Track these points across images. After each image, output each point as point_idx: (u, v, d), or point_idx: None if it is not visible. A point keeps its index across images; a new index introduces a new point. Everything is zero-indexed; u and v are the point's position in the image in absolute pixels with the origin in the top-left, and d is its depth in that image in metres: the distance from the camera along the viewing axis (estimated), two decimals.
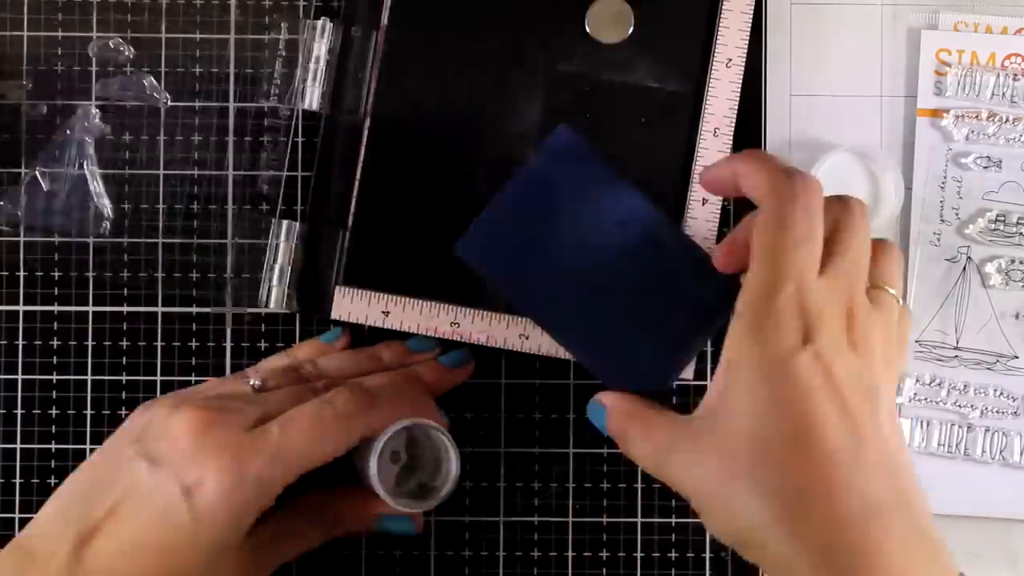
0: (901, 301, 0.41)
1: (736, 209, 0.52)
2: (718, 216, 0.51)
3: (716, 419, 0.39)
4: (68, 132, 0.52)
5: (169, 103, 0.52)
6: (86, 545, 0.41)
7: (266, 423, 0.43)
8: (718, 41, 0.51)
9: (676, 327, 0.48)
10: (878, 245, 0.42)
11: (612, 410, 0.43)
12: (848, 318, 0.39)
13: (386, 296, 0.51)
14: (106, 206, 0.52)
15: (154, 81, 0.52)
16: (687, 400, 0.52)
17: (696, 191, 0.51)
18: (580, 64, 0.52)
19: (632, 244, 0.48)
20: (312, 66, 0.51)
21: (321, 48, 0.51)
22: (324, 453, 0.43)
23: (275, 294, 0.51)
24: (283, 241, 0.51)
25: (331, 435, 0.43)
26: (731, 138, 0.51)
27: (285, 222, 0.51)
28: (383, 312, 0.51)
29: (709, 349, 0.52)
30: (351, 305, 0.51)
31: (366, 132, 0.51)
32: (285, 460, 0.42)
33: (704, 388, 0.52)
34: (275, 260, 0.51)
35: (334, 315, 0.51)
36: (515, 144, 0.51)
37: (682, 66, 0.51)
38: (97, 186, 0.52)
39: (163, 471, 0.42)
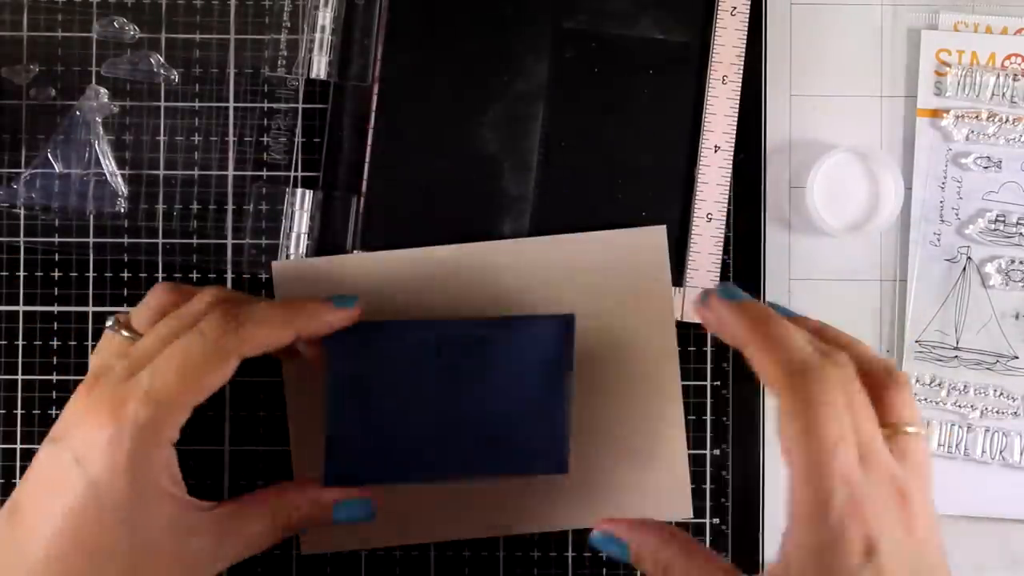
0: (922, 430, 0.41)
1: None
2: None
3: None
4: (77, 112, 0.52)
5: (177, 81, 0.52)
6: (14, 515, 0.42)
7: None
8: None
9: (543, 403, 0.48)
10: (884, 378, 0.41)
11: (643, 548, 0.42)
12: (898, 498, 0.38)
13: None
14: (120, 183, 0.52)
15: (160, 59, 0.52)
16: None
17: (707, 140, 0.52)
18: (585, 20, 0.52)
19: (460, 363, 0.49)
20: (318, 36, 0.52)
21: (326, 18, 0.52)
22: (201, 384, 0.42)
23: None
24: (298, 209, 0.52)
25: (202, 363, 0.42)
26: (739, 85, 0.52)
27: (299, 190, 0.52)
28: None
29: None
30: None
31: (375, 99, 0.52)
32: (158, 400, 0.41)
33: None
34: (291, 228, 0.51)
35: None
36: (524, 102, 0.52)
37: (687, 16, 0.52)
38: (110, 164, 0.52)
39: (57, 445, 0.42)
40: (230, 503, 0.45)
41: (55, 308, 0.52)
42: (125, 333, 0.45)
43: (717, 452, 0.52)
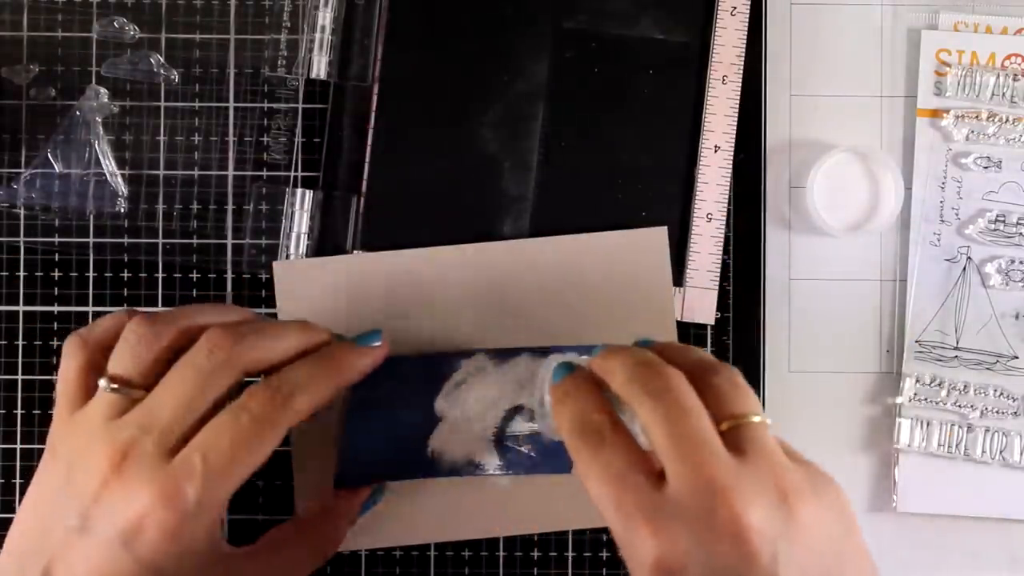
0: (766, 418, 0.39)
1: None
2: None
3: None
4: (77, 112, 0.52)
5: (177, 81, 0.52)
6: None
7: (180, 448, 0.41)
8: None
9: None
10: (707, 374, 0.40)
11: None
12: (723, 507, 0.36)
13: None
14: (120, 183, 0.52)
15: (160, 59, 0.52)
16: None
17: (707, 140, 0.52)
18: (585, 20, 0.52)
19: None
20: (318, 36, 0.52)
21: (326, 18, 0.52)
22: (254, 462, 0.42)
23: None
24: (298, 209, 0.52)
25: (254, 441, 0.41)
26: (739, 85, 0.52)
27: (299, 190, 0.52)
28: None
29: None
30: None
31: (375, 99, 0.52)
32: (216, 482, 0.41)
33: None
34: (291, 228, 0.52)
35: None
36: (524, 102, 0.52)
37: (687, 16, 0.52)
38: (110, 164, 0.52)
39: (95, 529, 0.40)
40: (266, 539, 0.46)
41: (55, 308, 0.52)
42: (121, 389, 0.42)
43: None
